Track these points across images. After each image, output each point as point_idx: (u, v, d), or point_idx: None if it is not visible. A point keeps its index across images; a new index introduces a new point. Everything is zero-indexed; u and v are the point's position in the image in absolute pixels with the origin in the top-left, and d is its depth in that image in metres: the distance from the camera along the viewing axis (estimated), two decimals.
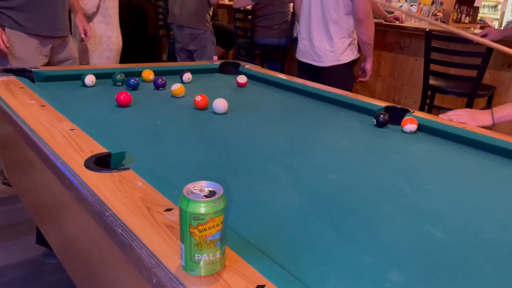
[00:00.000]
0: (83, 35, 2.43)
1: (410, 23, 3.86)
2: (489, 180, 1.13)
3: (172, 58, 4.69)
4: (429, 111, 3.03)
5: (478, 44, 2.64)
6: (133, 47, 2.41)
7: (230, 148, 1.24)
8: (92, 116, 1.39)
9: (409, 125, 1.44)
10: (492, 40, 2.60)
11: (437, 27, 2.96)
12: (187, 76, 1.92)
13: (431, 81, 2.94)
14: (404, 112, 1.55)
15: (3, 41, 1.99)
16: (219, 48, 4.47)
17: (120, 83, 1.76)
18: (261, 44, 4.14)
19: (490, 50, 2.64)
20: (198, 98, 1.54)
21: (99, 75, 1.78)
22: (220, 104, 1.49)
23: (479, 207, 0.98)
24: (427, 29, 2.93)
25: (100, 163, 0.93)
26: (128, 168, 0.91)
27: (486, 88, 2.92)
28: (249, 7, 4.11)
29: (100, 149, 0.99)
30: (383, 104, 1.64)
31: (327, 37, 2.49)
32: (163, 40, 5.64)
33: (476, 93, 2.78)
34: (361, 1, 2.36)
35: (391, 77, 3.74)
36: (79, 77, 1.74)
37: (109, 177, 0.86)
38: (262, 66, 4.24)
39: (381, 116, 1.49)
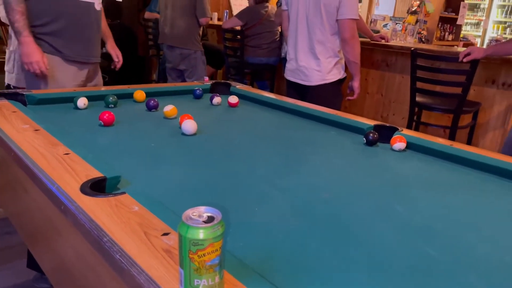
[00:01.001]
0: (116, 60, 2.42)
1: (396, 41, 3.95)
2: (478, 197, 1.16)
3: (162, 77, 4.72)
4: (416, 128, 3.09)
5: (462, 61, 2.72)
6: (123, 67, 2.43)
7: (224, 169, 1.25)
8: (85, 139, 1.40)
9: (398, 144, 1.47)
10: (475, 59, 2.68)
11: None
12: (216, 100, 1.97)
13: (418, 98, 3.00)
14: (392, 130, 1.58)
15: (44, 63, 1.99)
16: (209, 67, 4.52)
17: (112, 105, 1.77)
18: (251, 63, 4.20)
19: (474, 67, 2.71)
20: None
21: (91, 98, 1.79)
22: (189, 126, 1.51)
23: (469, 223, 1.00)
24: (412, 48, 3.00)
25: (96, 187, 0.94)
26: (124, 192, 0.91)
27: (471, 104, 2.99)
28: (238, 27, 4.18)
29: (95, 173, 1.00)
30: (371, 122, 1.67)
31: (313, 57, 2.54)
32: (153, 59, 5.68)
33: (462, 110, 2.85)
34: (347, 21, 2.42)
35: (378, 94, 3.81)
36: (71, 99, 1.75)
37: (105, 202, 0.87)
38: (252, 85, 4.29)
39: (371, 135, 1.52)
